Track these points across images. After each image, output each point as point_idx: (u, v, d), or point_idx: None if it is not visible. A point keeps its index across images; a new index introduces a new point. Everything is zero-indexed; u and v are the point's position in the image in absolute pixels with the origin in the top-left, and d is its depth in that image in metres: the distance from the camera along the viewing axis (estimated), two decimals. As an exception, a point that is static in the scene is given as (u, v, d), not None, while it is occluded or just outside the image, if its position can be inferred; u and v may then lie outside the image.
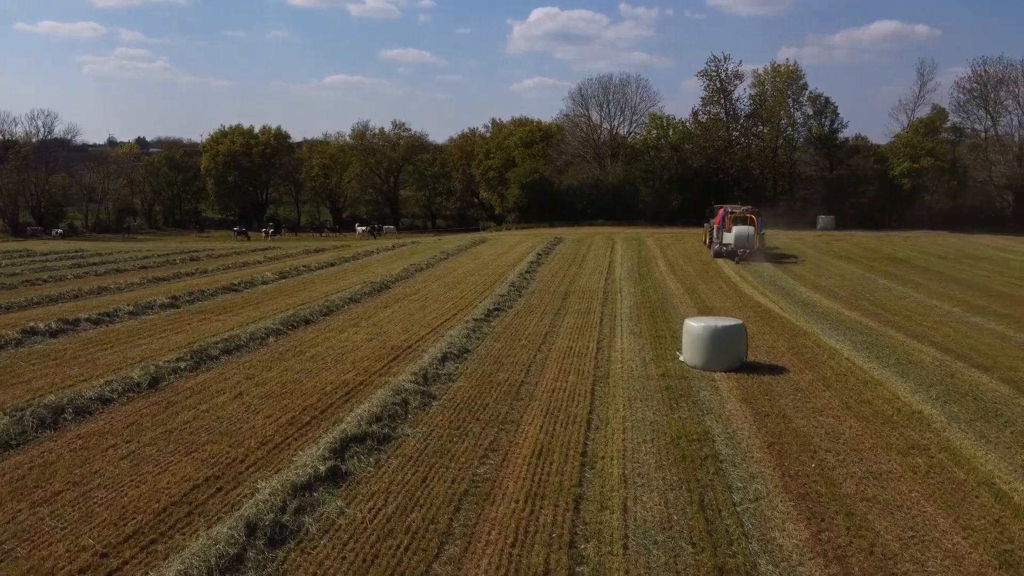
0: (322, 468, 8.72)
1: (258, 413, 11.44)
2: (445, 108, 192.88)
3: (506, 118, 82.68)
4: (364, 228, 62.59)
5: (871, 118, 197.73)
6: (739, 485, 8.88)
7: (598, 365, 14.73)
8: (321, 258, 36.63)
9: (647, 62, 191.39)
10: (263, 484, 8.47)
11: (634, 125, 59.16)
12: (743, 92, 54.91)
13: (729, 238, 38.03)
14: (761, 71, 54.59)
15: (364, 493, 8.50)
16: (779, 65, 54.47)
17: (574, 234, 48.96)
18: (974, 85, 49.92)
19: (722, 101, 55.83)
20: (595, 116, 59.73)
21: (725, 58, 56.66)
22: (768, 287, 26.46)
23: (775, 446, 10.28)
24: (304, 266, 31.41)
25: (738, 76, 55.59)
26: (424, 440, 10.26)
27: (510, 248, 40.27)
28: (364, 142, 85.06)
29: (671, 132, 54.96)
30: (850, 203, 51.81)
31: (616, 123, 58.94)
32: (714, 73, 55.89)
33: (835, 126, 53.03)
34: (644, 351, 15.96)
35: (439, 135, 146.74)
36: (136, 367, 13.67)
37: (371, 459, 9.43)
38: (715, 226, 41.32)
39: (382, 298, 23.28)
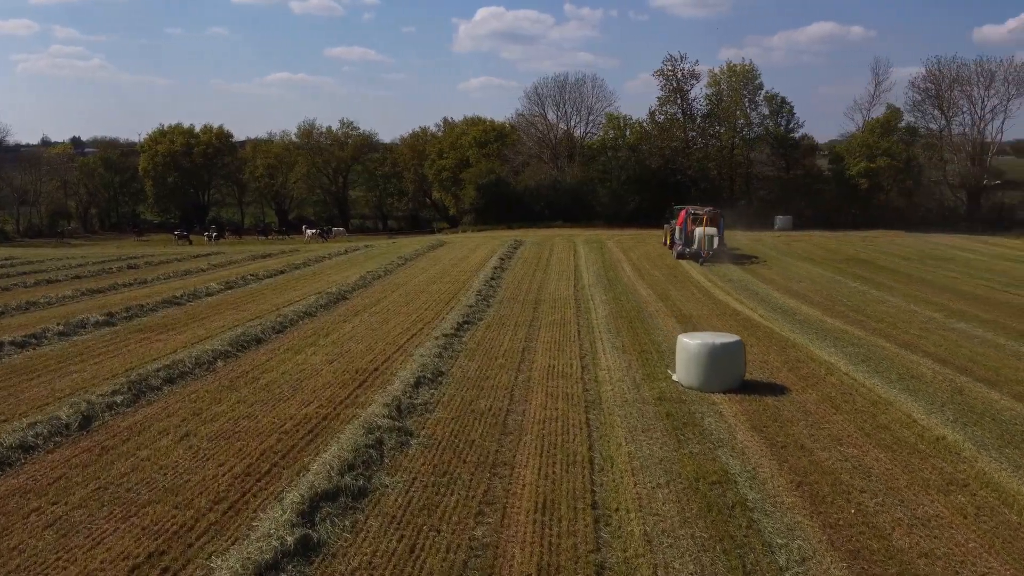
0: (289, 539, 7.25)
1: (208, 460, 9.85)
2: (393, 107, 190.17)
3: (457, 117, 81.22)
4: (314, 231, 60.30)
5: (811, 119, 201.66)
6: (779, 542, 7.69)
7: (586, 388, 13.47)
8: (269, 265, 34.64)
9: (592, 62, 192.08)
10: (219, 563, 6.96)
11: (590, 125, 58.59)
12: (699, 92, 54.78)
13: (692, 240, 37.57)
14: (717, 71, 54.56)
15: (342, 572, 7.04)
16: (735, 65, 54.50)
17: (534, 236, 47.80)
18: (928, 85, 50.66)
19: (679, 101, 55.50)
20: (551, 116, 58.91)
21: (681, 57, 56.66)
22: (741, 292, 25.64)
23: (804, 486, 9.16)
24: (252, 274, 29.46)
25: (694, 76, 55.49)
26: (407, 492, 8.84)
27: (470, 252, 38.85)
28: (311, 141, 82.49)
29: (628, 132, 54.24)
30: (806, 203, 51.87)
31: (572, 123, 58.22)
32: (670, 73, 55.69)
33: (791, 126, 53.29)
34: (632, 369, 14.77)
35: (389, 134, 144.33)
36: (65, 403, 11.89)
37: (347, 521, 7.97)
38: (677, 227, 40.76)
39: (340, 311, 21.64)
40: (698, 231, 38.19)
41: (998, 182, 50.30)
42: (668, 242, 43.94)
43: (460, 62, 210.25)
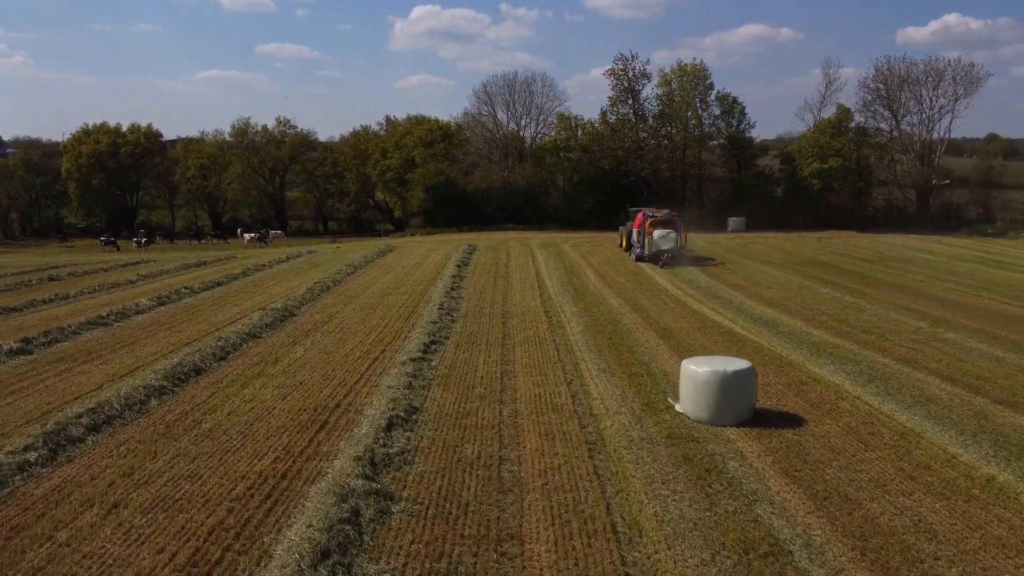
0: None
1: (144, 544, 7.91)
2: (331, 105, 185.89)
3: (400, 116, 78.98)
4: (252, 235, 57.13)
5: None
6: (872, 644, 6.23)
7: (583, 423, 11.90)
8: (205, 275, 32.08)
9: (528, 63, 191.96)
10: None
11: (541, 125, 57.05)
12: (651, 92, 53.88)
13: (650, 243, 36.64)
14: (668, 70, 53.76)
15: None
16: (685, 64, 53.78)
17: (487, 240, 46.12)
18: (878, 85, 50.86)
19: (631, 101, 54.48)
20: (501, 115, 57.19)
21: (632, 57, 55.45)
22: (714, 301, 24.53)
23: (868, 554, 7.76)
24: (186, 287, 26.98)
25: (645, 75, 54.47)
26: (399, 585, 7.09)
27: (423, 258, 36.94)
28: (246, 140, 79.01)
29: (580, 133, 52.96)
30: (758, 204, 51.55)
31: (523, 123, 56.61)
32: (621, 72, 54.65)
33: (742, 126, 52.89)
34: (628, 398, 13.27)
35: (328, 133, 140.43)
36: (-41, 466, 9.72)
37: (329, 639, 6.19)
38: (634, 231, 39.78)
39: (288, 330, 19.59)
40: (656, 234, 37.30)
41: (947, 182, 50.91)
42: (625, 245, 42.97)
43: (397, 60, 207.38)
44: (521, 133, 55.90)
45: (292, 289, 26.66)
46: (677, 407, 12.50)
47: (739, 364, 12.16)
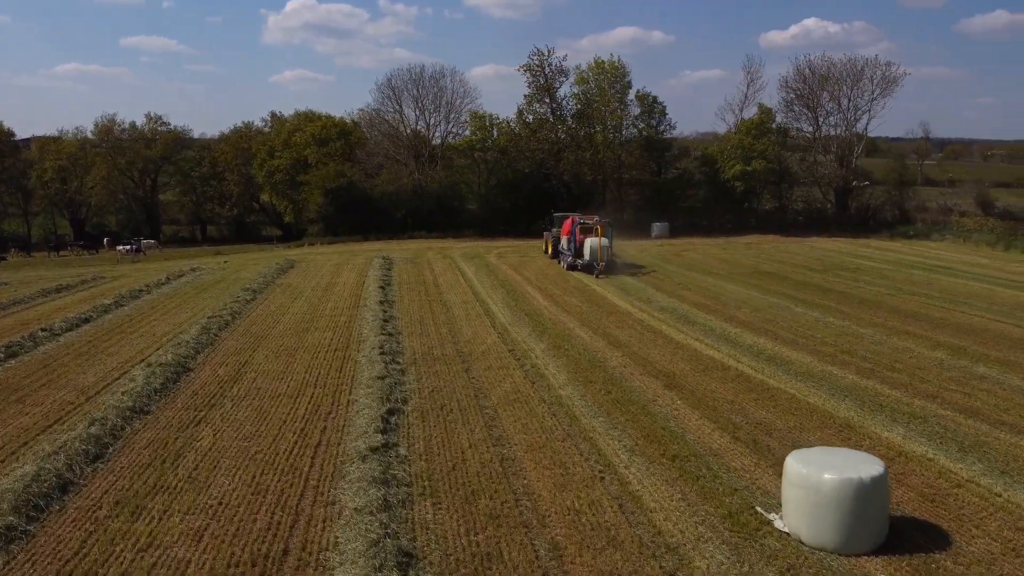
0: None
1: None
2: (204, 100, 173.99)
3: (288, 111, 72.58)
4: (126, 247, 49.60)
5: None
6: None
7: (663, 565, 8.16)
8: (70, 307, 26.12)
9: (409, 60, 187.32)
10: None
11: (452, 124, 52.62)
12: (568, 90, 50.72)
13: (582, 251, 34.02)
14: (585, 67, 50.72)
15: None
16: (603, 61, 50.93)
17: (401, 251, 41.53)
18: (800, 84, 49.85)
19: (548, 100, 51.05)
20: (409, 112, 52.39)
21: (549, 51, 50.90)
22: (689, 326, 21.47)
23: None
24: (45, 328, 21.28)
25: (563, 72, 51.14)
26: None
27: (334, 276, 32.10)
28: (111, 138, 70.44)
29: (496, 133, 49.09)
30: (679, 208, 49.54)
31: (432, 121, 51.99)
32: (537, 68, 51.09)
33: (662, 127, 50.61)
34: (696, 506, 9.68)
35: (203, 130, 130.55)
36: None
37: None
38: (563, 238, 36.76)
39: (186, 396, 14.83)
40: (589, 242, 34.50)
41: (867, 183, 50.68)
42: (550, 251, 39.84)
43: (272, 54, 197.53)
44: (431, 132, 51.53)
45: (181, 327, 21.50)
46: (778, 523, 8.99)
47: (870, 465, 8.73)
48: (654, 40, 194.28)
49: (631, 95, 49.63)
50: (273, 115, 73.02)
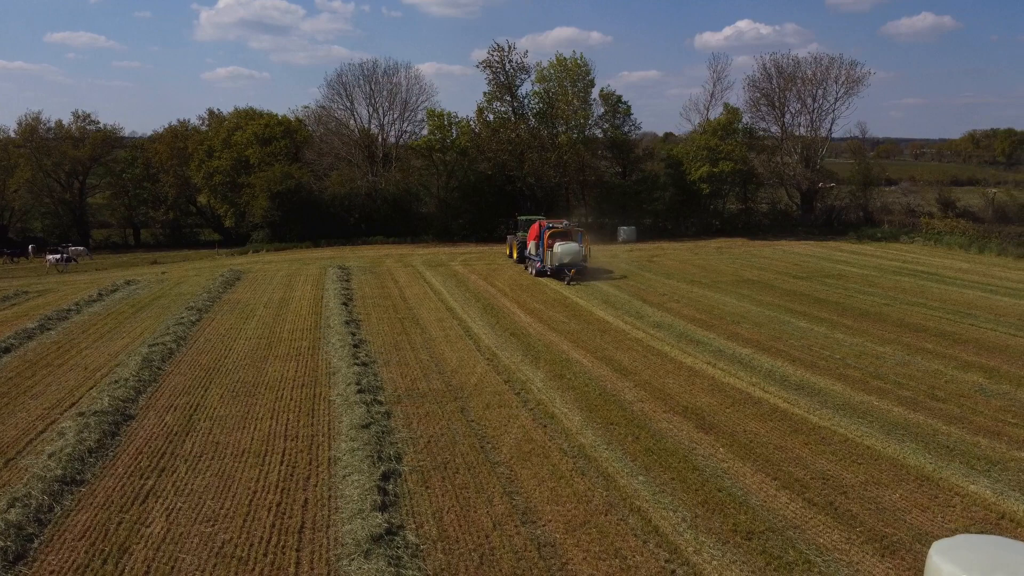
0: None
1: None
2: (135, 98, 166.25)
3: (227, 108, 68.50)
4: (56, 257, 45.14)
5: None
6: None
7: None
8: (-17, 328, 22.80)
9: (347, 57, 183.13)
10: None
11: (408, 123, 49.64)
12: (530, 88, 48.36)
13: (553, 256, 32.26)
14: (546, 64, 48.46)
15: None
16: (565, 58, 48.68)
17: (357, 258, 38.71)
18: (767, 84, 48.55)
19: (509, 98, 48.67)
20: (362, 110, 49.20)
21: (510, 47, 47.43)
22: (692, 345, 19.65)
23: None
24: (-48, 362, 18.10)
25: (524, 69, 48.70)
26: None
27: (288, 290, 29.24)
28: (36, 138, 65.38)
29: (456, 133, 46.30)
30: (645, 211, 47.87)
31: (387, 119, 48.86)
32: (498, 65, 49.04)
33: (627, 128, 48.79)
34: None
35: (136, 129, 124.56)
36: None
37: None
38: (531, 242, 34.82)
39: (127, 457, 12.19)
40: (559, 248, 32.81)
41: (833, 184, 49.83)
42: (515, 255, 37.85)
43: (204, 50, 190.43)
44: (385, 131, 48.38)
45: (118, 358, 18.59)
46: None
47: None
48: (592, 41, 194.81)
49: (594, 94, 47.72)
50: (211, 112, 68.97)
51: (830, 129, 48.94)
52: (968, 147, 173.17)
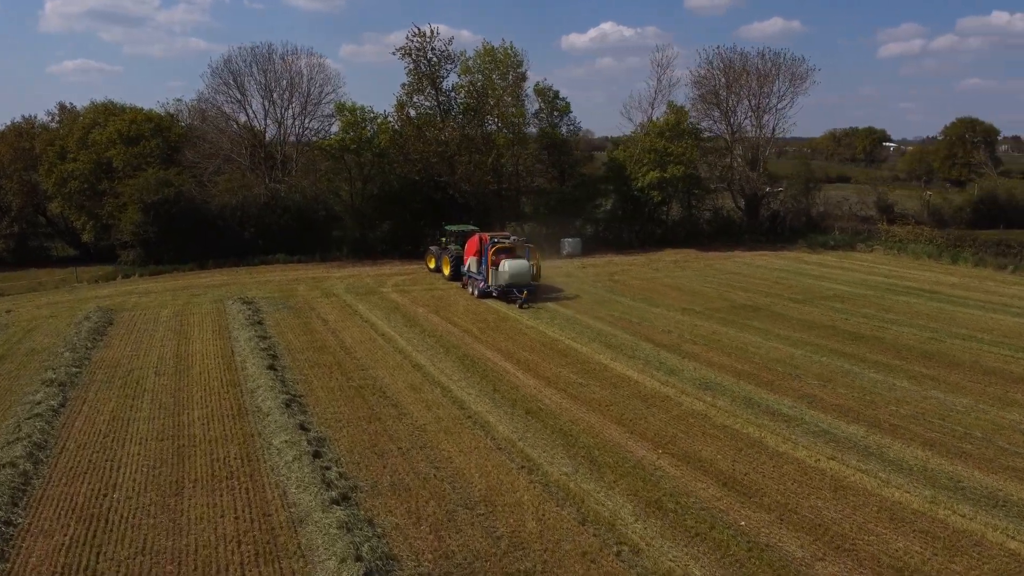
0: None
1: None
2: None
3: (81, 103, 58.11)
4: None
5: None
6: None
7: None
8: None
9: (205, 50, 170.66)
10: None
11: (313, 119, 41.60)
12: (455, 81, 42.00)
13: (499, 275, 27.78)
14: (472, 54, 42.24)
15: None
16: (493, 47, 42.72)
17: (260, 286, 31.24)
18: (716, 79, 44.31)
19: (433, 92, 42.20)
20: (256, 104, 40.92)
21: (433, 32, 39.80)
22: (777, 421, 14.81)
23: None
24: None
25: (450, 59, 42.35)
26: None
27: (180, 339, 21.91)
28: None
29: (372, 130, 39.02)
30: (585, 220, 42.79)
31: (288, 114, 40.75)
32: (419, 53, 40.39)
33: (567, 128, 43.24)
34: None
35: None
36: None
37: None
38: (472, 258, 29.88)
39: None
40: (509, 266, 27.89)
41: (780, 188, 46.41)
42: (444, 271, 32.63)
43: (50, 42, 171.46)
44: (285, 129, 40.33)
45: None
46: None
47: None
48: (462, 39, 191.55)
49: (528, 88, 42.10)
50: (62, 107, 58.33)
51: (773, 130, 45.67)
52: (830, 146, 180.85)
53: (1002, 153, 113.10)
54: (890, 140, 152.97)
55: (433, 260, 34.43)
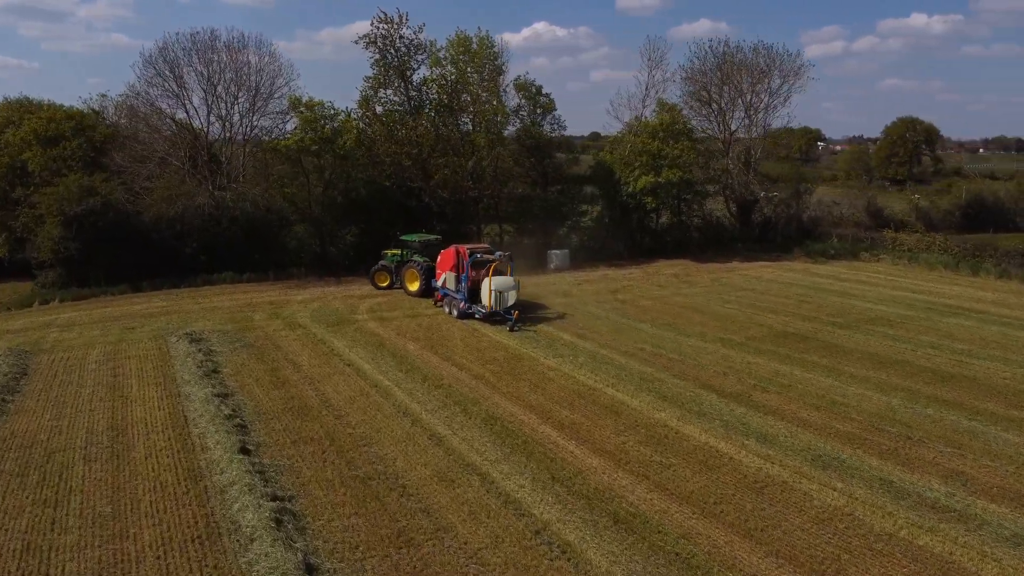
0: None
1: None
2: None
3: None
4: None
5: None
6: None
7: None
8: None
9: (128, 46, 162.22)
10: None
11: (263, 116, 36.05)
12: (425, 74, 37.27)
13: (480, 294, 25.19)
14: (443, 45, 37.66)
15: None
16: (468, 37, 38.04)
17: (208, 314, 26.13)
18: (712, 76, 40.70)
19: (403, 86, 38.28)
20: (197, 99, 35.07)
21: (401, 18, 35.39)
22: (855, 482, 10.99)
23: None
24: None
25: (420, 48, 36.22)
26: None
27: (115, 398, 17.04)
28: None
29: (333, 128, 33.90)
30: (570, 228, 38.80)
31: (234, 110, 35.05)
32: (386, 42, 35.68)
33: (551, 127, 39.01)
34: None
35: None
36: None
37: None
38: (448, 274, 26.43)
39: None
40: (494, 284, 24.84)
41: (776, 194, 43.22)
42: (401, 286, 29.26)
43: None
44: (232, 127, 34.76)
45: None
46: None
47: None
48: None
49: (507, 82, 37.81)
50: (-33, 103, 51.38)
51: (766, 129, 42.51)
52: (770, 144, 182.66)
53: (944, 154, 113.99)
54: (823, 139, 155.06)
55: (386, 277, 30.24)
